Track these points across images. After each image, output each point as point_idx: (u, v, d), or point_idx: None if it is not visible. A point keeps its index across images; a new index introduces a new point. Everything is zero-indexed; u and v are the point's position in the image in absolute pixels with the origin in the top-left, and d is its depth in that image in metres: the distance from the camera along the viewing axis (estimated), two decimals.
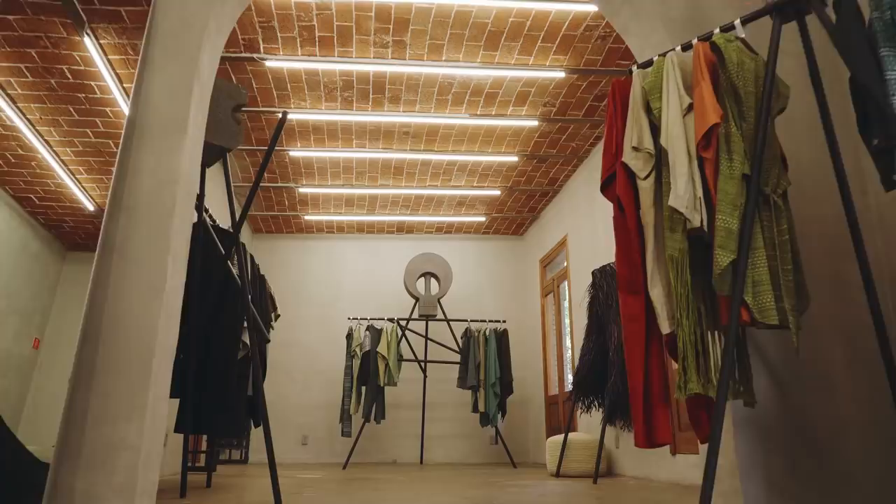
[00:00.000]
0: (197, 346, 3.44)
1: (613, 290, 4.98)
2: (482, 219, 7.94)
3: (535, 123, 5.58)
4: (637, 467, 4.93)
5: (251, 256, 4.06)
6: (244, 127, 5.58)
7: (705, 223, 1.96)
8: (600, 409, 5.30)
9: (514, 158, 6.26)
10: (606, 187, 2.25)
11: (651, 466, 4.69)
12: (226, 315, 3.47)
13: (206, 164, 3.45)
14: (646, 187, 2.10)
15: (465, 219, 7.92)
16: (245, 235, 7.96)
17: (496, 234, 8.58)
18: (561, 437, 5.39)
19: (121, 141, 2.40)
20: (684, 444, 4.27)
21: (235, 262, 3.75)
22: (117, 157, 2.39)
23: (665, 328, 1.96)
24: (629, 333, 2.04)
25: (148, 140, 2.42)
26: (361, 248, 8.44)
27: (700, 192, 1.98)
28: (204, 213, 3.44)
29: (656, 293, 2.00)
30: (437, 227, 8.27)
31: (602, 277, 5.14)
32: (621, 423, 5.05)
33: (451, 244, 8.53)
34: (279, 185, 6.80)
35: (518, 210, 7.73)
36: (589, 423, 5.97)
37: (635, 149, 2.14)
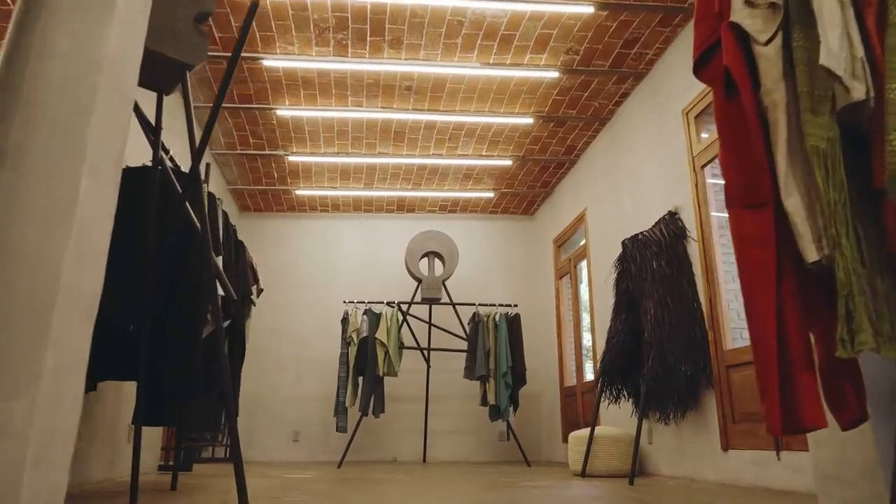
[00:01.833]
0: (152, 314, 2.77)
1: (648, 261, 4.33)
2: (490, 195, 7.27)
3: (554, 75, 4.91)
4: (675, 465, 4.27)
5: (225, 213, 3.39)
6: (221, 74, 4.90)
7: (871, 95, 1.30)
8: (630, 399, 4.65)
9: (529, 120, 5.59)
10: (702, 66, 1.59)
11: (693, 465, 4.03)
12: (187, 274, 2.80)
13: (163, 87, 2.78)
14: (769, 55, 1.43)
15: (471, 194, 7.25)
16: (231, 213, 7.28)
17: (505, 213, 7.91)
18: (584, 431, 4.73)
19: (14, 14, 1.74)
20: (738, 438, 3.61)
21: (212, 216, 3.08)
22: (8, 34, 1.72)
23: (811, 254, 1.30)
24: (750, 265, 1.38)
25: (58, 13, 1.75)
26: (359, 228, 7.77)
27: (861, 52, 1.32)
28: (161, 151, 2.78)
29: (793, 203, 1.34)
30: (441, 205, 7.60)
31: (634, 247, 4.49)
32: (657, 415, 4.40)
33: (455, 224, 7.86)
34: (266, 152, 6.12)
35: (530, 185, 7.06)
36: (615, 416, 5.31)
37: (749, 3, 1.48)
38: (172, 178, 2.76)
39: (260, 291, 4.25)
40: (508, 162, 6.40)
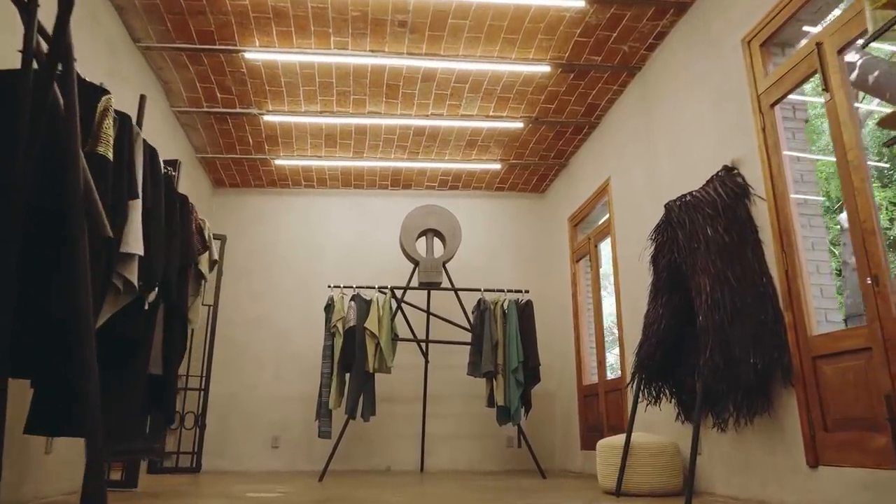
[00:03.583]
0: (23, 279, 1.91)
1: (700, 227, 3.46)
2: (497, 166, 6.40)
3: (580, 4, 4.04)
4: (735, 483, 3.40)
5: (152, 149, 2.52)
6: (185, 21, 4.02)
7: None
8: (672, 399, 3.80)
9: (545, 69, 4.72)
10: None
11: (763, 483, 3.16)
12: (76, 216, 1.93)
13: None
14: None
15: (475, 166, 6.38)
16: (204, 190, 6.42)
17: (512, 190, 7.04)
18: (617, 439, 3.87)
19: None
20: (833, 451, 2.74)
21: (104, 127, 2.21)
22: None
23: None
24: None
25: None
26: (348, 206, 6.89)
27: None
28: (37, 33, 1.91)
29: None
30: (441, 179, 6.73)
31: (682, 211, 3.62)
32: (714, 419, 3.54)
33: (457, 202, 6.99)
34: (237, 110, 5.25)
35: (542, 154, 6.19)
36: (650, 419, 4.45)
37: None
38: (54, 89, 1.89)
39: (213, 263, 3.38)
40: (519, 124, 5.53)
